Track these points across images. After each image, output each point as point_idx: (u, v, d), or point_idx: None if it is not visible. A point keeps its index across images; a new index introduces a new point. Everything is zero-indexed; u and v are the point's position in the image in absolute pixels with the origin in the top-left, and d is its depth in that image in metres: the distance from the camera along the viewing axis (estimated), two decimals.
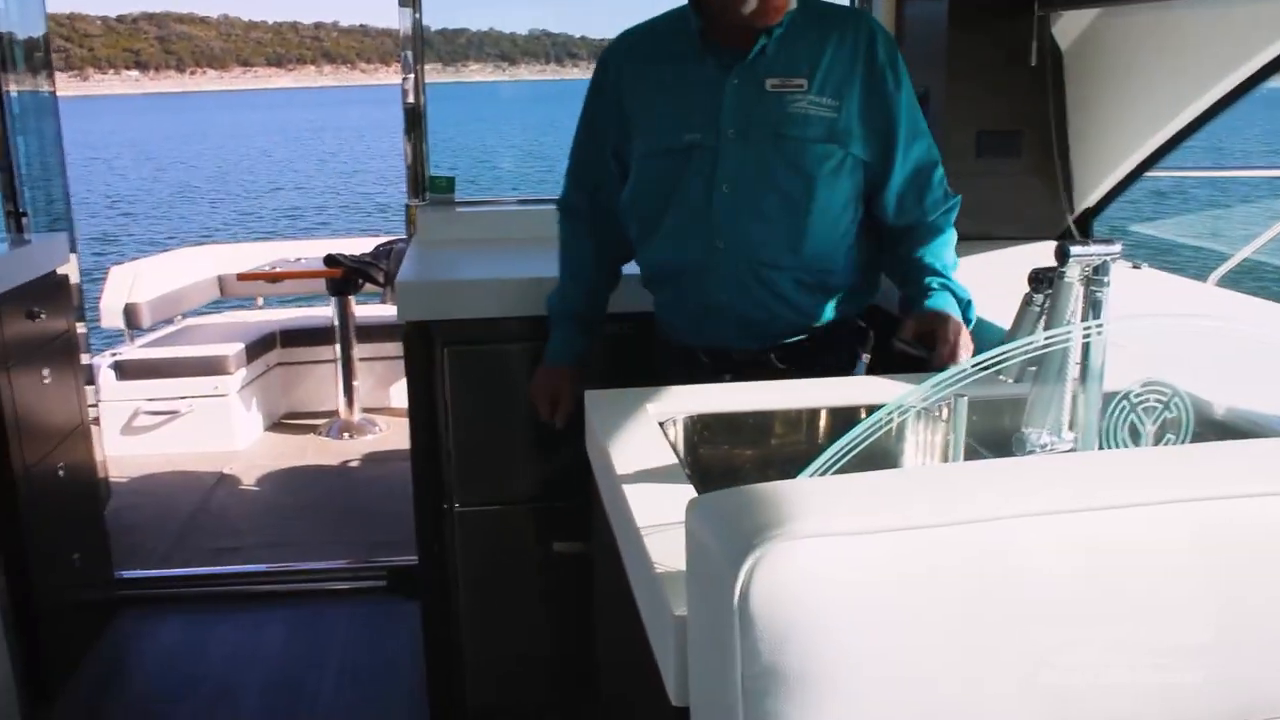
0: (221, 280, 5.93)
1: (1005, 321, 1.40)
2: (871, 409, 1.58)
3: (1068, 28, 2.88)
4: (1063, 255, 1.17)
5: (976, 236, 2.93)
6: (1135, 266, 2.58)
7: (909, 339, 1.77)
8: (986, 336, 1.97)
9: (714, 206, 1.86)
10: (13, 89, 3.47)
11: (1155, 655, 0.87)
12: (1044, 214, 2.98)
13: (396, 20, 3.10)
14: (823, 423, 1.63)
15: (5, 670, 1.99)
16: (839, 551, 0.80)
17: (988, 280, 2.53)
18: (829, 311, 1.96)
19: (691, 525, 0.88)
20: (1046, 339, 1.03)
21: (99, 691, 2.97)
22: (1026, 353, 1.00)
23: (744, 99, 1.84)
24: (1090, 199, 2.99)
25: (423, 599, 2.61)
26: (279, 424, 5.21)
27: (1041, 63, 2.87)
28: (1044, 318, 1.22)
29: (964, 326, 1.80)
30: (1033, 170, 2.97)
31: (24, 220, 3.41)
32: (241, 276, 5.54)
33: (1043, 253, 2.80)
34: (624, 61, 1.99)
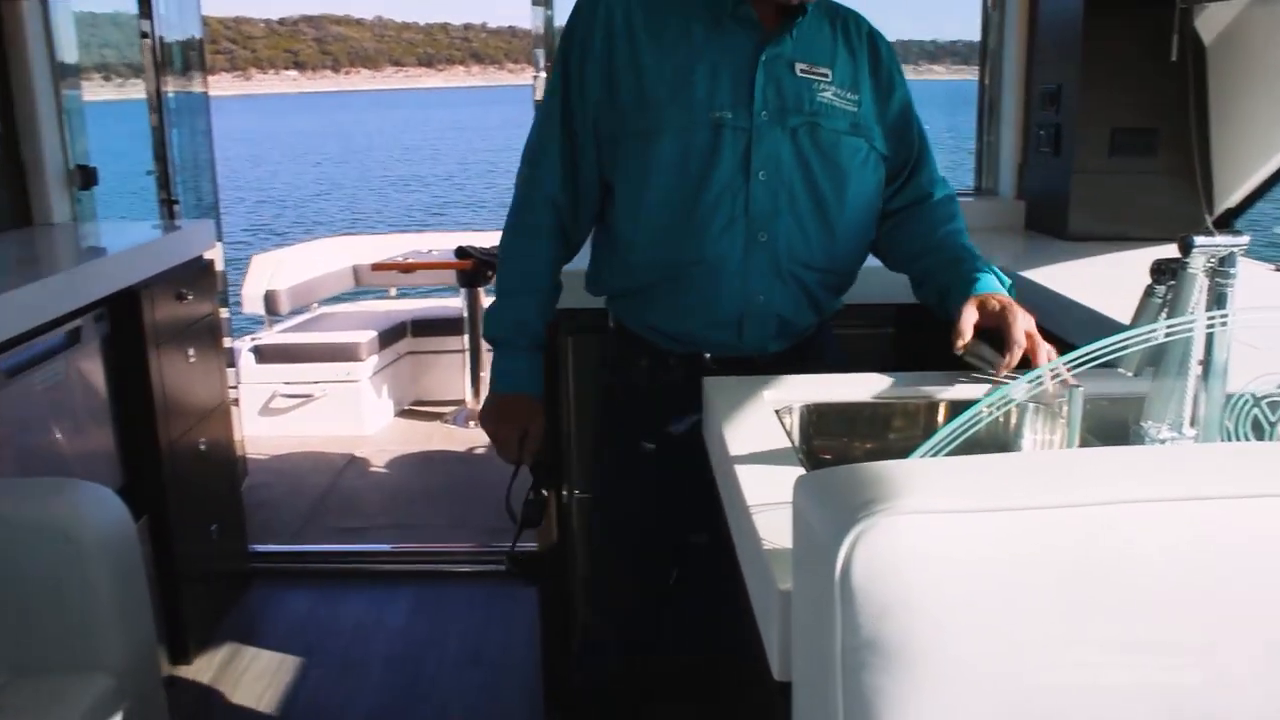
0: (357, 270, 6.13)
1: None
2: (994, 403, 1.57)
3: (1211, 21, 2.78)
4: (1186, 246, 1.14)
5: (1110, 237, 2.87)
6: (1277, 269, 2.49)
7: (975, 349, 1.59)
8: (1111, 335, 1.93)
9: (752, 195, 1.68)
10: (170, 89, 3.66)
11: (1269, 650, 0.86)
12: (1181, 214, 2.89)
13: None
14: (940, 416, 1.62)
15: (150, 631, 2.10)
16: (941, 529, 0.81)
17: (1120, 284, 2.47)
18: (831, 309, 1.88)
19: (798, 501, 0.89)
20: (1168, 329, 1.01)
21: (232, 656, 3.11)
22: (1146, 342, 0.98)
23: (773, 79, 1.69)
24: (1232, 199, 2.88)
25: (541, 584, 2.67)
26: (407, 411, 5.37)
27: (1182, 57, 2.79)
28: (1165, 310, 1.19)
29: (1030, 316, 1.61)
30: (1170, 169, 2.88)
31: (175, 208, 3.59)
32: (376, 267, 5.73)
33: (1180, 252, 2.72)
34: (623, 17, 1.72)
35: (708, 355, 1.78)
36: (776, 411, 1.46)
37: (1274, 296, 2.32)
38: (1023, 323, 1.57)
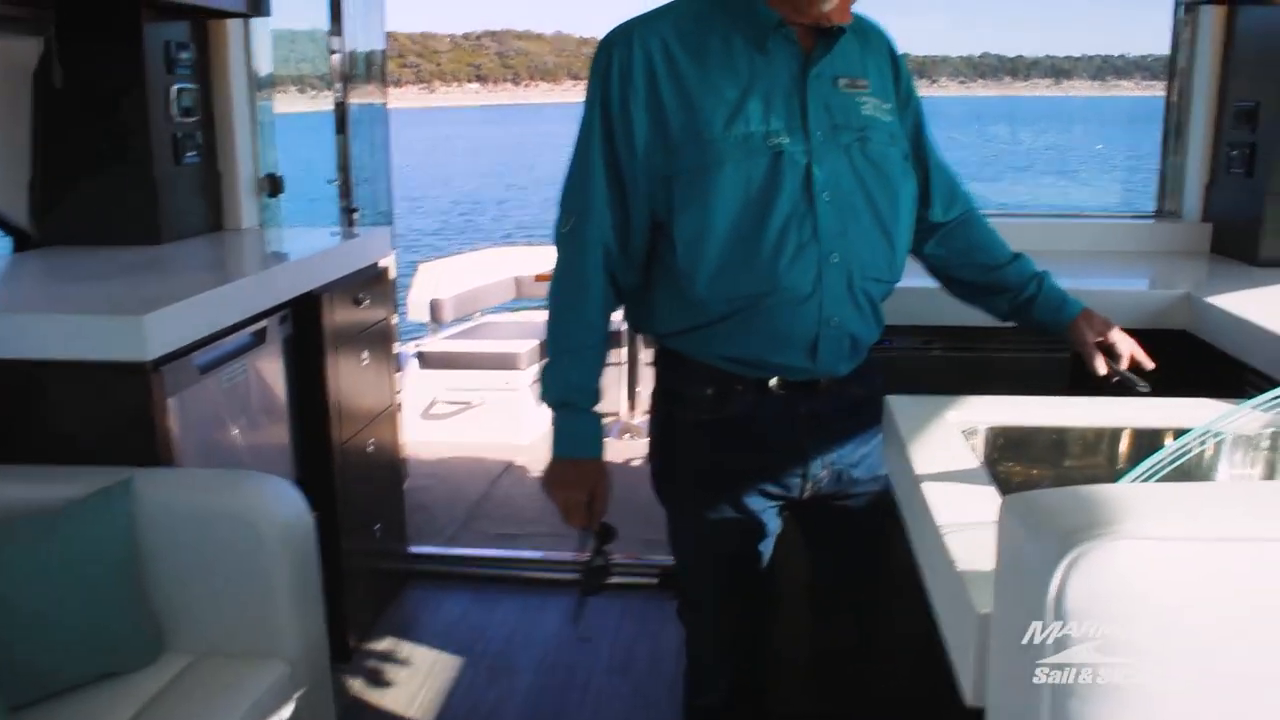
0: (519, 281, 6.25)
1: None
2: (1179, 432, 1.50)
3: None
4: None
5: None
6: None
7: (1116, 370, 1.75)
8: None
9: (819, 217, 1.64)
10: (354, 100, 3.80)
11: None
12: None
13: None
14: (1124, 444, 1.56)
15: (321, 622, 2.18)
16: (1163, 557, 0.77)
17: None
18: (884, 323, 1.84)
19: (1006, 522, 0.87)
20: None
21: (389, 653, 3.19)
22: None
23: (821, 98, 1.67)
24: None
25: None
26: None
27: None
28: None
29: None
30: None
31: (354, 216, 3.73)
32: (538, 278, 5.83)
33: None
34: (660, 52, 1.65)
35: (773, 381, 1.73)
36: (963, 432, 1.42)
37: None
38: (1121, 331, 1.79)
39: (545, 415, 4.80)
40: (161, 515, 2.01)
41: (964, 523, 1.08)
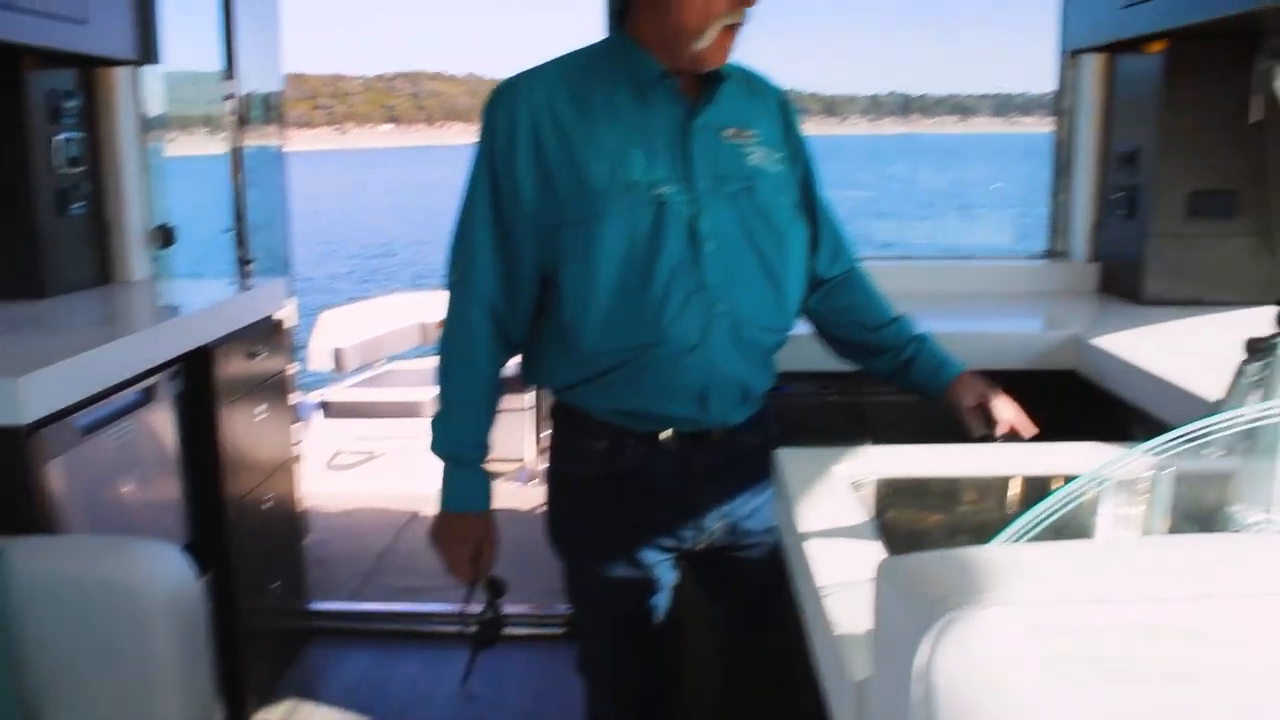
0: (424, 327, 6.18)
1: (1215, 394, 1.33)
2: (1070, 478, 1.52)
3: None
4: None
5: (1187, 301, 2.81)
6: None
7: (996, 435, 1.76)
8: (1186, 405, 1.87)
9: (705, 267, 1.65)
10: (252, 142, 3.73)
11: None
12: (1260, 279, 2.82)
13: None
14: (1016, 490, 1.57)
15: (210, 691, 2.10)
16: (1034, 622, 0.77)
17: (1198, 352, 2.41)
18: (777, 371, 1.87)
19: (881, 588, 0.86)
20: (1258, 412, 0.97)
21: (289, 715, 3.10)
22: (1235, 426, 0.94)
23: (708, 147, 1.68)
24: None
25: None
26: None
27: (1262, 119, 2.73)
28: (1261, 389, 1.15)
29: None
30: (1249, 232, 2.82)
31: (250, 267, 3.65)
32: (442, 324, 5.77)
33: (1259, 320, 2.65)
34: (544, 105, 1.66)
35: (665, 434, 1.73)
36: (852, 484, 1.42)
37: None
38: (1001, 394, 1.80)
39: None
40: (37, 587, 1.91)
41: (846, 583, 1.07)
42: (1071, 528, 1.42)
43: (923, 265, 3.28)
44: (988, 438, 1.74)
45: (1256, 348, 1.14)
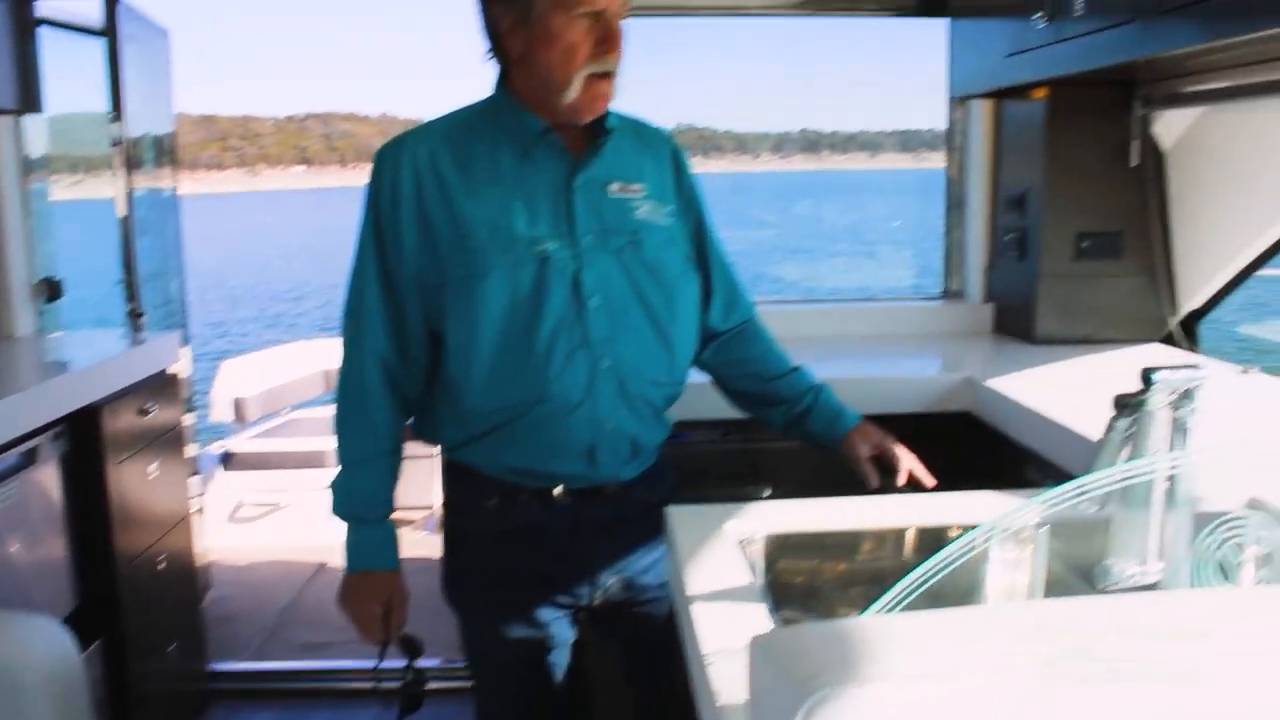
0: (328, 375, 6.08)
1: (1099, 433, 1.35)
2: (966, 527, 1.54)
3: (1170, 126, 2.83)
4: (1147, 381, 1.13)
5: (1077, 340, 2.88)
6: (1243, 371, 2.48)
7: (893, 484, 1.77)
8: (1075, 447, 1.91)
9: (589, 323, 1.65)
10: (144, 185, 3.64)
11: None
12: (1147, 317, 2.91)
13: None
14: (909, 541, 1.58)
15: None
16: (906, 698, 0.77)
17: (1086, 390, 2.46)
18: (671, 423, 1.87)
19: (753, 663, 0.85)
20: (1126, 472, 0.99)
21: None
22: (1107, 486, 0.96)
23: (592, 203, 1.68)
24: (1195, 301, 2.90)
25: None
26: None
27: (1143, 162, 2.83)
28: (1129, 444, 1.17)
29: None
30: (1135, 272, 2.90)
31: (141, 320, 3.55)
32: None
33: (1145, 357, 2.72)
34: (427, 164, 1.67)
35: (557, 490, 1.73)
36: (740, 542, 1.42)
37: (1241, 399, 2.31)
38: (897, 444, 1.80)
39: None
40: None
41: (729, 649, 1.06)
42: (958, 576, 1.44)
43: (823, 308, 3.32)
44: (887, 487, 1.75)
45: (1124, 404, 1.17)
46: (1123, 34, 2.14)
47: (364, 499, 1.76)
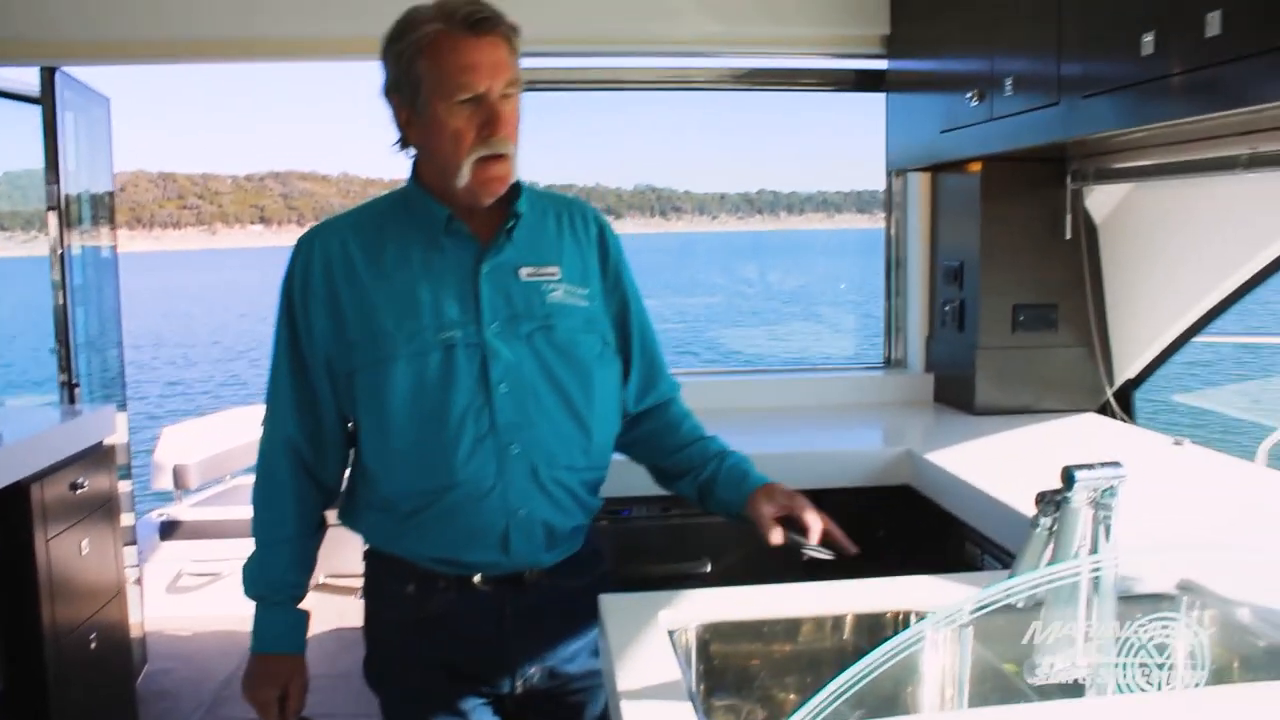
0: None
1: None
2: (896, 614, 1.54)
3: (1101, 201, 2.89)
4: (1068, 480, 1.14)
5: (1015, 410, 2.92)
6: (1176, 443, 2.53)
7: (790, 539, 1.66)
8: (1011, 522, 1.92)
9: (496, 409, 1.64)
10: (78, 245, 3.59)
11: None
12: (1084, 387, 2.95)
13: None
14: (846, 626, 1.57)
15: None
16: None
17: (1023, 458, 2.49)
18: (595, 507, 1.81)
19: None
20: (1050, 575, 0.99)
21: None
22: (1030, 590, 0.96)
23: (500, 289, 1.67)
24: (1130, 370, 2.95)
25: None
26: (322, 585, 5.19)
27: (1076, 235, 2.88)
28: (1052, 542, 1.18)
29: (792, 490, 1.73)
30: (1071, 343, 2.95)
31: (76, 391, 3.49)
32: None
33: (1082, 427, 2.75)
34: (338, 255, 1.68)
35: (477, 577, 1.70)
36: (670, 633, 1.41)
37: (1172, 470, 2.35)
38: (808, 504, 1.69)
39: None
40: None
41: None
42: (900, 675, 1.44)
43: (766, 379, 3.35)
44: (798, 546, 1.66)
45: (1047, 502, 1.18)
46: (1049, 115, 2.20)
47: (270, 581, 1.75)
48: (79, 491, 2.89)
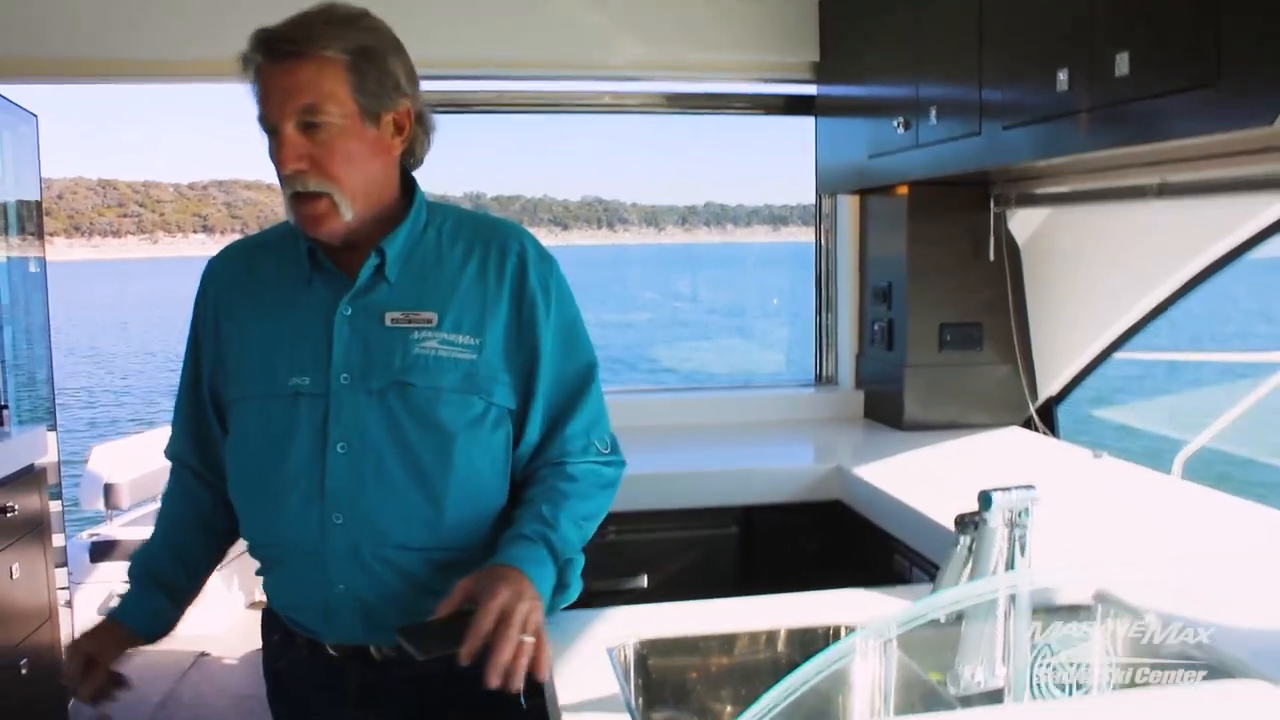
0: None
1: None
2: (827, 629, 1.59)
3: (1024, 224, 3.00)
4: (985, 502, 1.20)
5: (942, 426, 3.00)
6: (1096, 456, 2.62)
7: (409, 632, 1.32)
8: (937, 535, 1.99)
9: (328, 472, 1.47)
10: (3, 257, 3.55)
11: None
12: (1008, 402, 3.05)
13: (449, 186, 3.21)
14: (780, 642, 1.63)
15: None
16: None
17: (948, 472, 2.57)
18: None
19: None
20: (969, 593, 1.06)
21: None
22: (951, 607, 1.02)
23: (358, 335, 1.49)
24: (1053, 387, 3.05)
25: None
26: (258, 603, 5.16)
27: (999, 256, 2.98)
28: (970, 560, 1.25)
29: (522, 597, 1.33)
30: (996, 360, 3.05)
31: (4, 413, 3.45)
32: None
33: (1006, 440, 2.84)
34: (226, 281, 1.60)
35: (330, 643, 1.54)
36: (609, 650, 1.45)
37: (1092, 482, 2.44)
38: (502, 600, 1.31)
39: (236, 601, 4.58)
40: None
41: None
42: (832, 683, 1.49)
43: (700, 396, 3.41)
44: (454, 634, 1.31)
45: (964, 523, 1.24)
46: (972, 145, 2.28)
47: (144, 559, 1.65)
48: (9, 515, 2.86)
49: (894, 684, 1.42)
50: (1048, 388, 3.07)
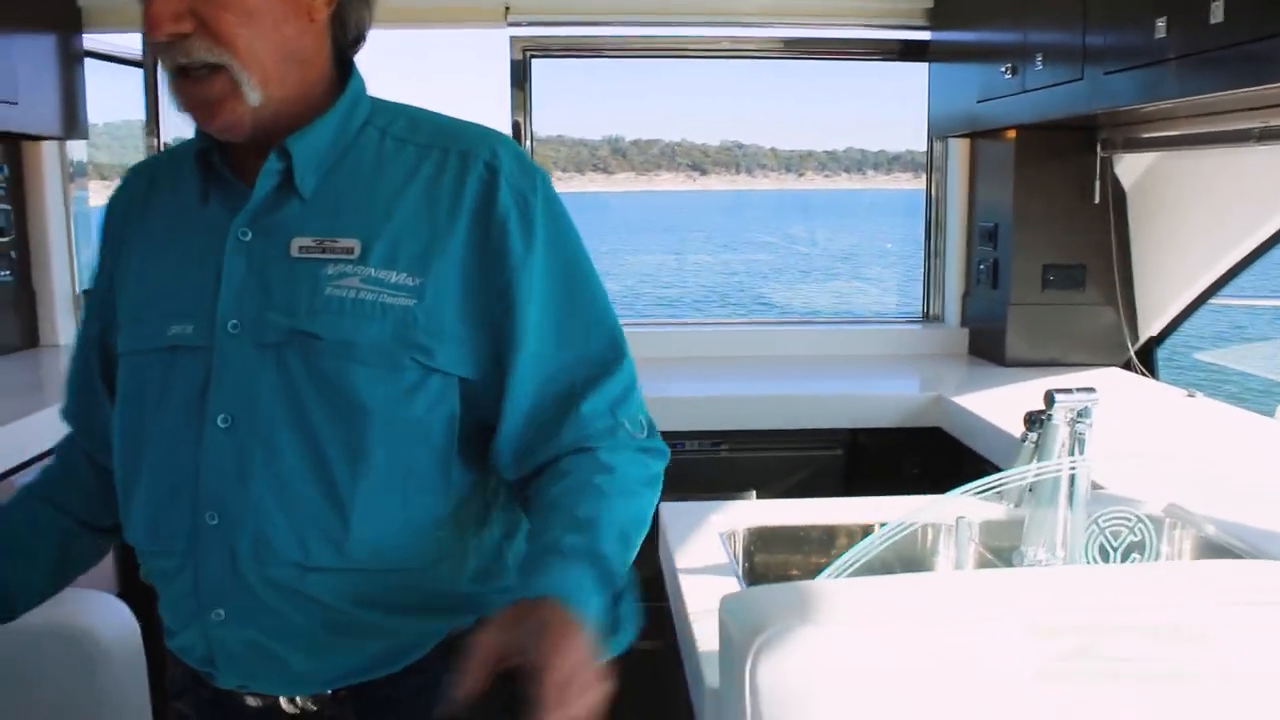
0: None
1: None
2: (925, 527, 1.76)
3: (1130, 168, 3.07)
4: (1049, 401, 1.37)
5: (1043, 363, 3.12)
6: (1190, 395, 2.72)
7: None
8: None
9: (204, 453, 1.08)
10: None
11: None
12: (1108, 343, 3.14)
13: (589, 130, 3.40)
14: (862, 536, 1.80)
15: None
16: (832, 640, 1.01)
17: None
18: (432, 629, 1.16)
19: (722, 614, 1.09)
20: (1033, 472, 1.23)
21: None
22: (1017, 481, 1.20)
23: (255, 269, 1.10)
24: (1154, 328, 3.14)
25: None
26: None
27: (1104, 200, 3.06)
28: (1036, 452, 1.41)
29: (586, 658, 0.93)
30: (1097, 301, 3.14)
31: None
32: None
33: (1105, 380, 2.95)
34: (122, 209, 1.22)
35: (227, 688, 1.15)
36: (721, 534, 1.65)
37: (1184, 419, 2.54)
38: (552, 643, 0.92)
39: None
40: None
41: (708, 612, 1.31)
42: (909, 562, 1.68)
43: (810, 329, 3.57)
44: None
45: (1031, 420, 1.41)
46: (1074, 90, 2.39)
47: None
48: None
49: (969, 563, 1.59)
50: (1148, 329, 3.16)
